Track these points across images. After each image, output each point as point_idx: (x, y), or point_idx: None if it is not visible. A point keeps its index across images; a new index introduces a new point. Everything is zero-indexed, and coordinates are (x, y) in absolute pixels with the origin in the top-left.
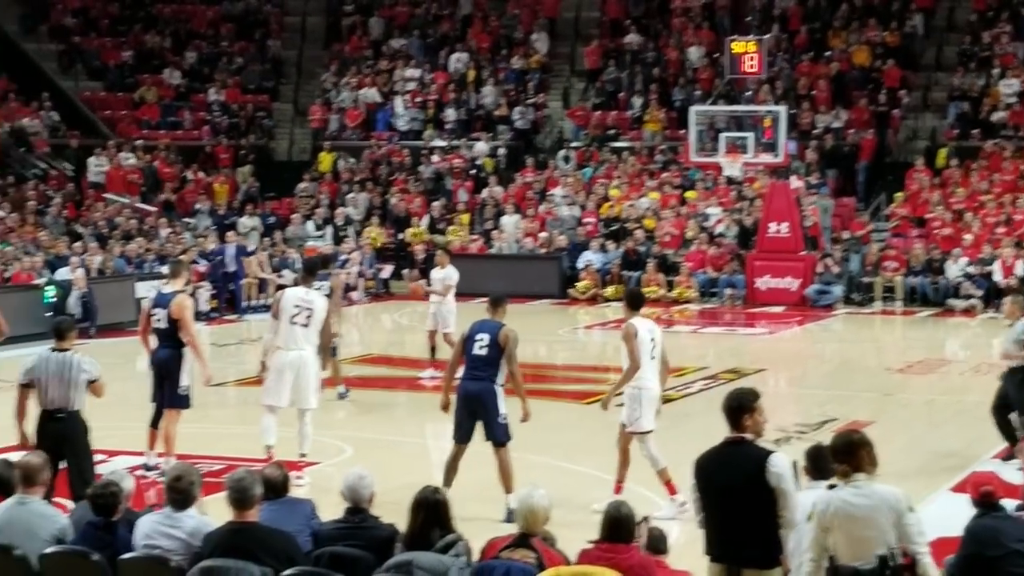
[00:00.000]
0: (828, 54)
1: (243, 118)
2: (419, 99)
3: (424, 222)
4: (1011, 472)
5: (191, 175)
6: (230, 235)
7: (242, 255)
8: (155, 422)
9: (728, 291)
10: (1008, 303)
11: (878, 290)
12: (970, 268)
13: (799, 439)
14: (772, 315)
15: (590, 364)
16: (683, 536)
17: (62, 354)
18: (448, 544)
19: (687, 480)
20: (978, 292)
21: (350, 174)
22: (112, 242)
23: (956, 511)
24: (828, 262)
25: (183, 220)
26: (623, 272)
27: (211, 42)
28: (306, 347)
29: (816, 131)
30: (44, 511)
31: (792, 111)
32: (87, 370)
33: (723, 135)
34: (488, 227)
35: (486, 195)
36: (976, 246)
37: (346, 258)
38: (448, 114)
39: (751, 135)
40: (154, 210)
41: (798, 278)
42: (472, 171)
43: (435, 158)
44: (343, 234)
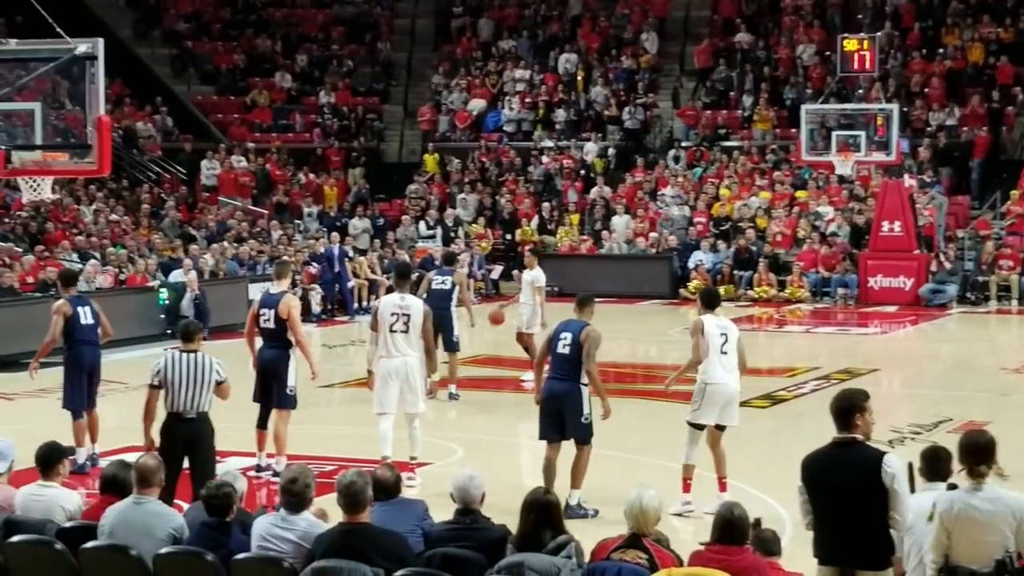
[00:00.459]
0: (941, 51)
1: (353, 120)
2: (528, 100)
3: (534, 223)
4: None
5: (302, 178)
6: (334, 236)
7: (344, 257)
8: (262, 423)
9: (840, 291)
10: None
11: (993, 289)
12: None
13: (913, 440)
14: (885, 315)
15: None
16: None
17: (192, 355)
18: (560, 545)
19: (795, 481)
20: None
21: (460, 175)
22: (224, 244)
23: None
24: (942, 261)
25: (294, 222)
26: (734, 272)
27: (322, 45)
28: (409, 353)
29: (929, 129)
30: (160, 511)
31: (904, 109)
32: (218, 371)
33: (835, 133)
34: (598, 227)
35: (596, 195)
36: None
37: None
38: (557, 115)
39: (863, 133)
40: (265, 212)
41: (911, 277)
42: (582, 171)
43: (545, 159)
44: (453, 235)
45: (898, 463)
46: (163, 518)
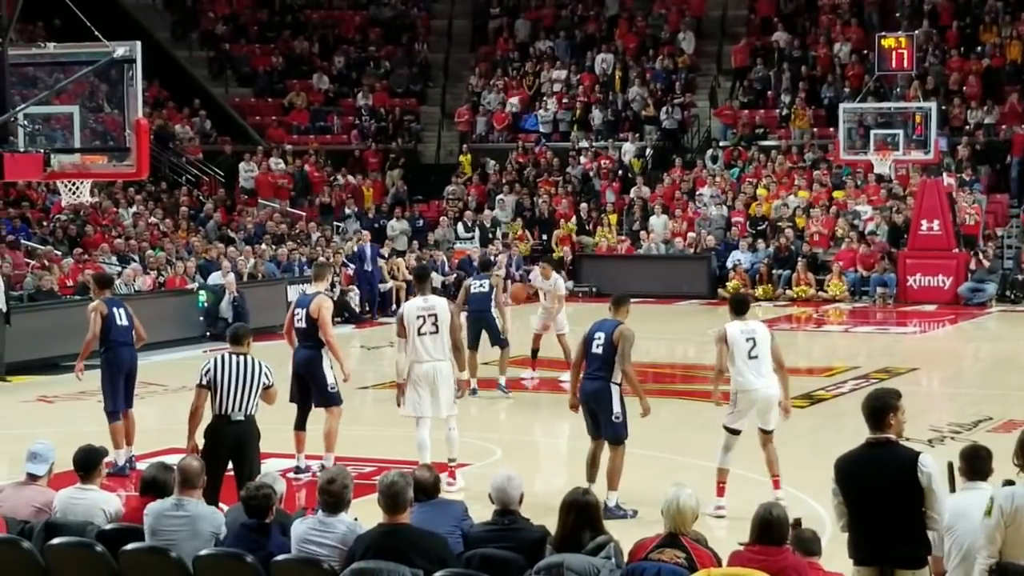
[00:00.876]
0: (979, 49)
1: (391, 122)
2: (566, 100)
3: (572, 223)
4: None
5: (340, 179)
6: (365, 235)
7: (376, 256)
8: (300, 425)
9: (879, 290)
10: None
11: None
12: None
13: (953, 439)
14: (924, 314)
15: None
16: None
17: (242, 357)
18: (599, 546)
19: (829, 483)
20: None
21: (498, 176)
22: (263, 247)
23: None
24: (981, 259)
25: (333, 224)
26: (772, 271)
27: (359, 47)
28: (439, 357)
29: (967, 127)
30: (201, 511)
31: (943, 107)
32: (267, 375)
33: (873, 132)
34: (636, 228)
35: (634, 195)
36: None
37: (495, 260)
38: (595, 115)
39: (901, 132)
40: (304, 214)
41: (950, 276)
42: (619, 172)
43: (582, 159)
44: (492, 236)
45: (934, 463)
46: (206, 519)
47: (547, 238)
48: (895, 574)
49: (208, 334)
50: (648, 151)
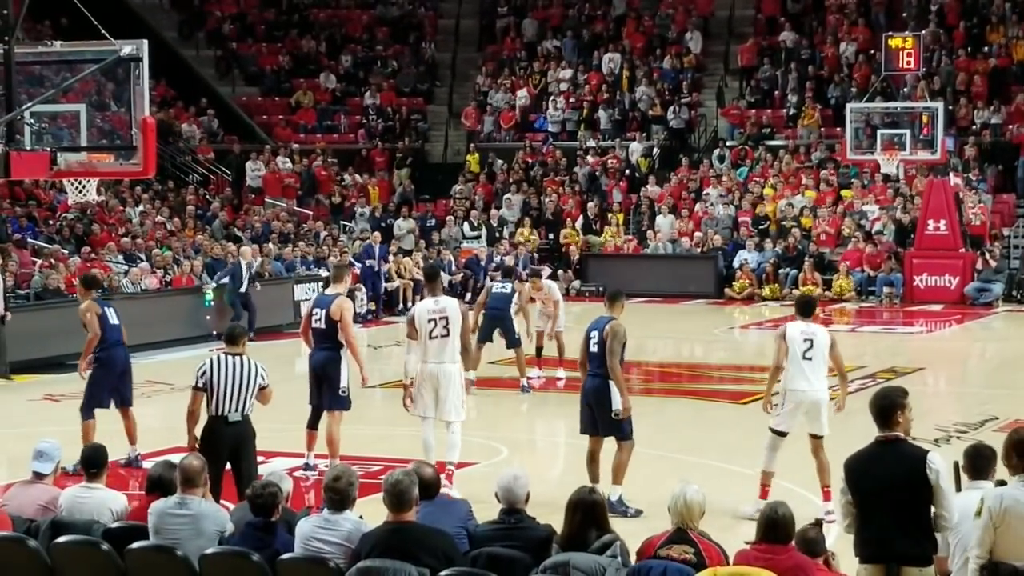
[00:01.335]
0: (986, 49)
1: (398, 121)
2: (573, 100)
3: (579, 223)
4: None
5: (348, 178)
6: (375, 235)
7: (383, 255)
8: (313, 423)
9: (886, 289)
10: None
11: None
12: None
13: (959, 439)
14: (930, 313)
15: (747, 364)
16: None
17: (237, 358)
18: (605, 544)
19: (836, 481)
20: None
21: (505, 175)
22: (270, 246)
23: None
24: (987, 259)
25: (341, 223)
26: (778, 271)
27: (366, 46)
28: (448, 359)
29: (974, 127)
30: (205, 510)
31: (950, 107)
32: (262, 375)
33: (880, 132)
34: (643, 227)
35: (643, 195)
36: None
37: (502, 261)
38: (601, 115)
39: (908, 132)
40: (311, 213)
41: (957, 276)
42: (626, 171)
43: (589, 159)
44: (499, 236)
45: (942, 460)
46: (210, 517)
47: (554, 237)
48: (901, 572)
49: (215, 333)
50: (655, 151)
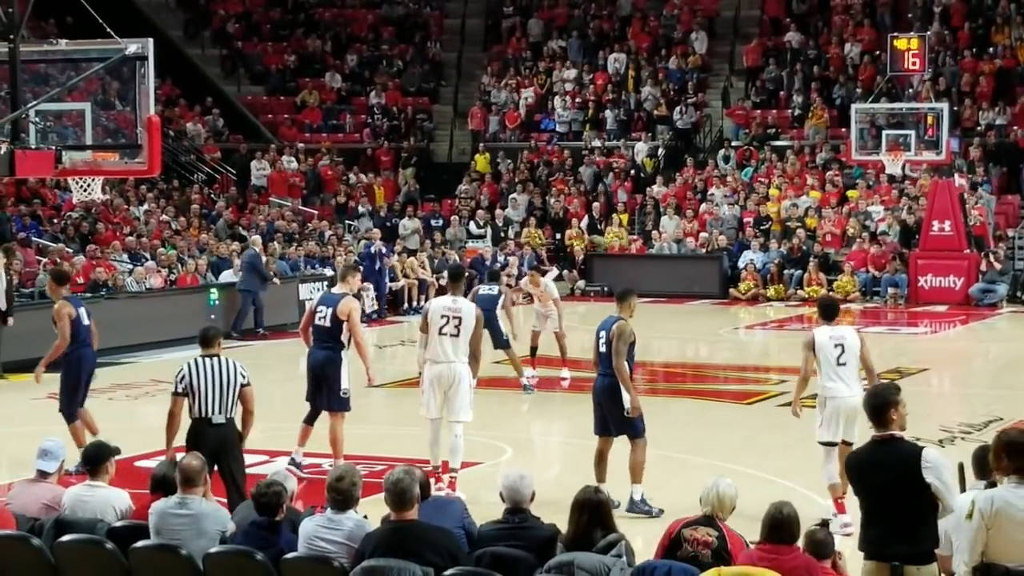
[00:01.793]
0: (991, 50)
1: (403, 121)
2: (578, 100)
3: (583, 223)
4: None
5: (353, 178)
6: (375, 233)
7: (388, 254)
8: (310, 419)
9: (890, 290)
10: None
11: None
12: None
13: (963, 439)
14: (935, 314)
15: (751, 364)
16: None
17: (214, 359)
18: (610, 544)
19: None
20: None
21: (510, 175)
22: (275, 245)
23: None
24: (992, 260)
25: (345, 222)
26: (783, 271)
27: (371, 45)
28: (456, 359)
29: (979, 128)
30: (206, 510)
31: (955, 108)
32: (242, 374)
33: (885, 133)
34: (648, 227)
35: (649, 195)
36: None
37: (506, 260)
38: (607, 115)
39: (913, 132)
40: (316, 212)
41: (961, 277)
42: (632, 171)
43: (595, 158)
44: (504, 235)
45: (937, 456)
46: (211, 517)
47: (560, 237)
48: (904, 570)
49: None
50: (660, 151)
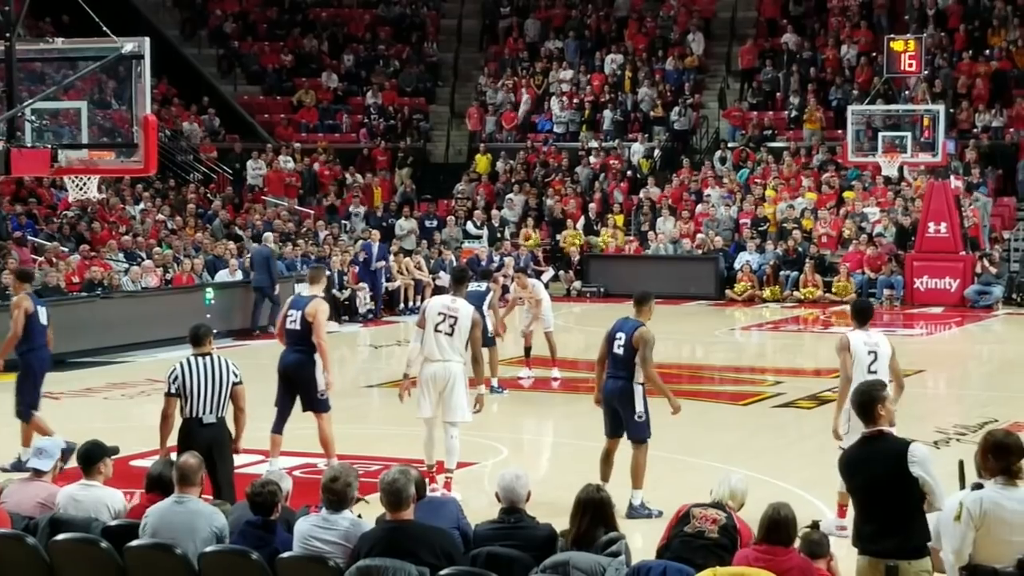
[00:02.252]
0: (987, 52)
1: (400, 121)
2: (575, 101)
3: (580, 224)
4: None
5: (349, 178)
6: (375, 234)
7: (384, 254)
8: (278, 428)
9: (886, 292)
10: None
11: None
12: None
13: (958, 441)
14: (931, 316)
15: (747, 365)
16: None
17: (206, 358)
18: (609, 542)
19: (836, 482)
20: None
21: (507, 176)
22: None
23: None
24: (987, 262)
25: (340, 222)
26: (779, 272)
27: (368, 45)
28: (452, 358)
29: (975, 130)
30: (202, 509)
31: (951, 110)
32: (234, 372)
33: (881, 134)
34: (644, 228)
35: (642, 196)
36: None
37: (502, 260)
38: (604, 115)
39: (909, 134)
40: (312, 212)
41: (957, 278)
42: (628, 172)
43: (591, 159)
44: (500, 236)
45: (923, 451)
46: (206, 517)
47: (557, 238)
48: (897, 565)
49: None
50: (657, 152)
